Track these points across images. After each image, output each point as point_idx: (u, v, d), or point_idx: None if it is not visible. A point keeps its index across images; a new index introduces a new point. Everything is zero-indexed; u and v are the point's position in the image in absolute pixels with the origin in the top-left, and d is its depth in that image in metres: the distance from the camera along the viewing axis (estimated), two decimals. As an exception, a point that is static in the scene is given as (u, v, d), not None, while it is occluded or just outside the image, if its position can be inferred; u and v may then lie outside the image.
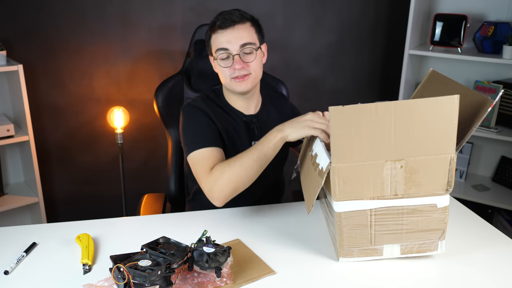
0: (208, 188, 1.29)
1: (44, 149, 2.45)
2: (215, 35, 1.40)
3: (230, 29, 1.37)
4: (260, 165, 1.29)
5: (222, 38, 1.38)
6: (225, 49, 1.38)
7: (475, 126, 1.09)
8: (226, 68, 1.40)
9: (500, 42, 2.40)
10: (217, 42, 1.39)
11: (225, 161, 1.31)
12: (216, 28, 1.38)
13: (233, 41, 1.37)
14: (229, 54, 1.38)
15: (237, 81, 1.40)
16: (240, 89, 1.42)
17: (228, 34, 1.37)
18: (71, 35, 2.36)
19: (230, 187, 1.28)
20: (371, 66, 2.93)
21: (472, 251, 1.26)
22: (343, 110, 1.02)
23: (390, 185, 1.10)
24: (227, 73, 1.40)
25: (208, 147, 1.36)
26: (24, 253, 1.20)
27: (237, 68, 1.38)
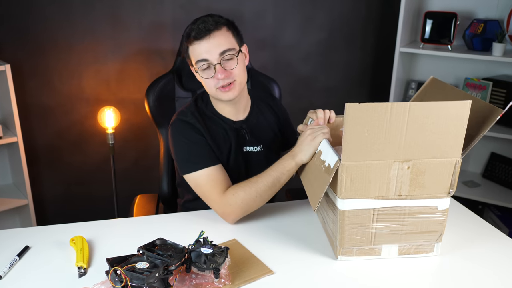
0: (221, 210, 1.35)
1: (33, 150, 2.42)
2: (192, 46, 1.35)
3: (207, 38, 1.32)
4: (274, 190, 1.34)
5: (200, 49, 1.33)
6: (205, 59, 1.34)
7: (482, 133, 1.11)
8: (209, 79, 1.36)
9: (490, 40, 2.42)
10: (195, 54, 1.35)
11: (240, 186, 1.34)
12: (192, 39, 1.34)
13: (212, 50, 1.33)
14: (209, 64, 1.34)
15: (223, 90, 1.37)
16: (227, 98, 1.39)
17: (205, 44, 1.32)
18: (59, 34, 2.32)
19: (244, 210, 1.34)
20: (362, 63, 2.94)
21: (468, 247, 1.27)
22: (358, 107, 1.02)
23: (396, 185, 1.11)
24: (211, 83, 1.37)
25: (209, 166, 1.37)
26: (17, 257, 1.18)
27: (220, 78, 1.34)
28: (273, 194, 1.35)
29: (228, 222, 1.36)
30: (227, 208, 1.33)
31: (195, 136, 1.40)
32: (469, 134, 1.12)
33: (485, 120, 1.12)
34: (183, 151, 1.40)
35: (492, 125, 1.10)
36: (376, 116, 1.04)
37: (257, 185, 1.31)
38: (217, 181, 1.35)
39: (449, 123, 1.06)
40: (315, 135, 1.26)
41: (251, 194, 1.31)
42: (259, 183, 1.32)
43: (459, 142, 1.09)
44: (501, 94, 2.45)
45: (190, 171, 1.37)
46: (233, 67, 1.36)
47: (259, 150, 1.52)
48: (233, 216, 1.34)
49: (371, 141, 1.06)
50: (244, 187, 1.32)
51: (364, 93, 3.03)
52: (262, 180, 1.32)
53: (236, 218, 1.35)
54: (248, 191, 1.31)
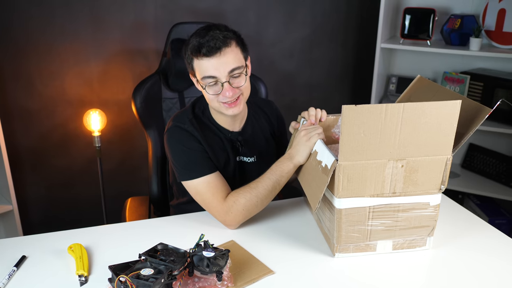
0: (223, 218, 1.35)
1: (16, 153, 2.37)
2: (199, 61, 1.32)
3: (217, 56, 1.30)
4: (274, 193, 1.36)
5: (209, 65, 1.31)
6: (213, 77, 1.32)
7: (471, 131, 1.15)
8: (214, 95, 1.35)
9: (467, 34, 2.49)
10: (202, 69, 1.32)
11: (240, 192, 1.34)
12: (201, 55, 1.30)
13: (221, 68, 1.30)
14: (217, 81, 1.32)
15: (227, 106, 1.36)
16: (231, 113, 1.38)
17: (215, 61, 1.30)
18: (39, 36, 2.27)
19: (246, 215, 1.35)
20: (344, 60, 2.98)
21: (458, 239, 1.32)
22: (355, 109, 1.05)
23: (390, 183, 1.14)
24: (214, 98, 1.36)
25: (208, 174, 1.37)
26: (15, 268, 1.16)
27: (228, 96, 1.33)
28: (273, 197, 1.37)
29: (229, 228, 1.37)
30: (229, 216, 1.34)
31: (193, 143, 1.40)
32: (459, 132, 1.16)
33: (473, 118, 1.17)
34: (182, 159, 1.40)
35: (481, 123, 1.14)
36: (372, 117, 1.07)
37: (258, 190, 1.33)
38: (217, 188, 1.36)
39: (441, 122, 1.10)
40: (310, 136, 1.28)
41: (252, 199, 1.33)
42: (259, 188, 1.33)
43: (450, 140, 1.13)
44: (479, 87, 2.53)
45: (190, 178, 1.38)
46: (242, 84, 1.35)
47: (252, 161, 1.53)
48: (234, 222, 1.35)
49: (367, 142, 1.09)
50: (245, 193, 1.33)
51: (347, 89, 3.07)
52: (262, 185, 1.33)
53: (238, 224, 1.36)
54: (249, 197, 1.33)
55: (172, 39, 1.86)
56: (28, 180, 2.47)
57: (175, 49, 1.82)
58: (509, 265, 1.20)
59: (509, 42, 2.47)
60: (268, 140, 1.60)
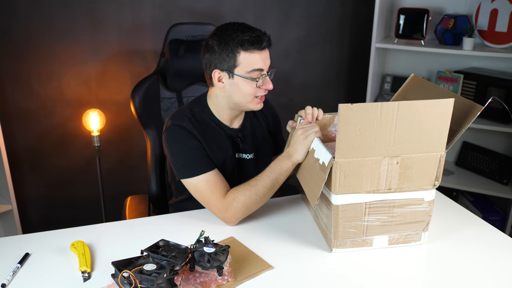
0: (222, 215, 1.38)
1: (15, 154, 2.38)
2: (250, 54, 1.35)
3: (264, 50, 1.38)
4: (273, 191, 1.39)
5: (259, 58, 1.37)
6: (261, 69, 1.38)
7: (464, 128, 1.18)
8: (254, 87, 1.39)
9: (460, 34, 2.53)
10: (253, 62, 1.36)
11: (239, 189, 1.37)
12: (253, 48, 1.35)
13: (267, 61, 1.39)
14: (263, 73, 1.39)
15: (260, 100, 1.43)
16: (258, 108, 1.44)
17: (264, 55, 1.38)
18: (38, 37, 2.29)
19: (245, 213, 1.38)
20: (339, 59, 3.01)
21: (452, 234, 1.35)
22: (351, 107, 1.08)
23: (386, 179, 1.17)
24: (253, 91, 1.39)
25: (207, 172, 1.39)
26: (18, 265, 1.18)
27: (270, 88, 1.41)
28: (271, 194, 1.40)
29: (229, 225, 1.39)
30: (228, 213, 1.36)
31: (192, 142, 1.42)
32: (452, 129, 1.19)
33: (466, 116, 1.20)
34: (180, 157, 1.42)
35: (473, 120, 1.17)
36: (368, 115, 1.10)
37: (257, 188, 1.36)
38: (216, 186, 1.39)
39: (434, 120, 1.14)
40: (307, 134, 1.32)
41: (251, 197, 1.36)
42: (259, 185, 1.36)
43: (443, 137, 1.16)
44: (472, 86, 2.57)
45: (188, 176, 1.40)
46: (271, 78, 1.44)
47: (251, 157, 1.56)
48: (234, 219, 1.38)
49: (363, 139, 1.12)
50: (244, 191, 1.36)
51: (342, 88, 3.11)
52: (261, 183, 1.36)
53: (237, 221, 1.39)
54: (248, 195, 1.35)
55: (170, 40, 1.88)
56: (27, 180, 2.49)
57: (173, 50, 1.85)
58: (502, 259, 1.24)
59: (502, 42, 2.52)
60: (265, 137, 1.63)
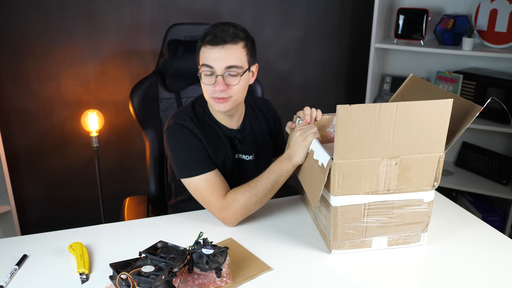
0: (221, 215, 1.38)
1: (14, 154, 2.38)
2: (204, 49, 1.36)
3: (219, 47, 1.33)
4: (273, 193, 1.39)
5: (209, 55, 1.34)
6: (210, 67, 1.34)
7: (463, 128, 1.18)
8: (208, 85, 1.37)
9: (460, 34, 2.53)
10: (203, 57, 1.36)
11: (239, 190, 1.37)
12: (206, 43, 1.34)
13: (220, 60, 1.33)
14: (212, 72, 1.35)
15: (216, 101, 1.39)
16: (218, 109, 1.41)
17: (216, 53, 1.33)
18: (37, 37, 2.29)
19: (244, 214, 1.37)
20: (338, 59, 3.01)
21: (451, 235, 1.35)
22: (349, 108, 1.07)
23: (385, 181, 1.17)
24: (208, 90, 1.38)
25: (208, 172, 1.39)
26: (16, 266, 1.18)
27: (217, 90, 1.35)
28: (271, 196, 1.39)
29: (228, 226, 1.39)
30: (227, 213, 1.36)
31: (193, 141, 1.41)
32: (451, 130, 1.19)
33: (465, 116, 1.19)
34: (181, 156, 1.41)
35: (472, 120, 1.17)
36: (366, 116, 1.10)
37: (257, 189, 1.35)
38: (216, 186, 1.38)
39: (433, 120, 1.13)
40: (306, 135, 1.31)
41: (251, 198, 1.35)
42: (259, 187, 1.35)
43: (442, 138, 1.16)
44: (471, 86, 2.57)
45: (189, 176, 1.39)
46: (234, 84, 1.36)
47: (251, 158, 1.55)
48: (233, 220, 1.37)
49: (362, 140, 1.12)
50: (244, 192, 1.36)
51: (341, 89, 3.10)
52: (261, 184, 1.36)
53: (236, 222, 1.38)
54: (248, 196, 1.35)
55: (169, 40, 1.87)
56: (26, 181, 2.48)
57: (172, 50, 1.84)
58: (502, 260, 1.23)
59: (501, 42, 2.51)
60: (265, 138, 1.62)
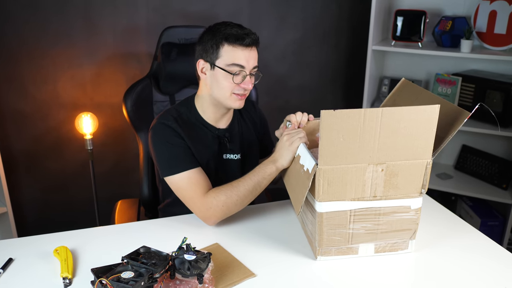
0: (202, 213, 1.38)
1: (10, 157, 2.39)
2: (233, 48, 1.37)
3: (250, 48, 1.38)
4: (255, 194, 1.38)
5: (242, 55, 1.37)
6: (242, 66, 1.38)
7: (451, 135, 1.16)
8: (231, 82, 1.39)
9: (458, 36, 2.50)
10: (234, 57, 1.37)
11: (221, 189, 1.37)
12: (237, 43, 1.36)
13: (250, 61, 1.39)
14: (242, 71, 1.39)
15: (238, 98, 1.42)
16: (237, 105, 1.43)
17: (248, 53, 1.38)
18: (33, 40, 2.29)
19: (225, 213, 1.37)
20: (335, 62, 2.99)
21: (441, 242, 1.33)
22: (333, 114, 1.06)
23: (371, 187, 1.16)
24: (230, 87, 1.40)
25: (190, 169, 1.39)
26: (1, 270, 1.18)
27: (248, 88, 1.40)
28: (253, 197, 1.38)
29: (208, 224, 1.39)
30: (208, 211, 1.36)
31: (175, 139, 1.42)
32: (439, 135, 1.17)
33: (453, 122, 1.18)
34: (164, 154, 1.42)
35: (460, 127, 1.15)
36: (351, 122, 1.08)
37: (238, 189, 1.35)
38: (197, 184, 1.38)
39: (420, 126, 1.12)
40: (292, 140, 1.30)
41: (232, 197, 1.35)
42: (240, 187, 1.35)
43: (429, 144, 1.14)
44: (470, 88, 2.54)
45: (171, 173, 1.40)
46: (255, 82, 1.46)
47: (238, 158, 1.56)
48: (213, 219, 1.37)
49: (346, 146, 1.11)
50: (226, 191, 1.36)
51: (339, 91, 3.09)
52: (243, 184, 1.35)
53: (216, 221, 1.38)
54: (229, 195, 1.35)
55: (162, 43, 1.87)
56: (23, 183, 2.49)
57: (166, 53, 1.84)
58: (492, 268, 1.21)
59: (500, 44, 2.48)
60: (252, 139, 1.63)
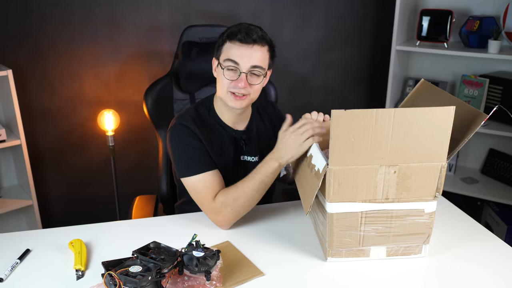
0: (213, 216, 1.38)
1: (36, 152, 2.46)
2: (231, 44, 1.37)
3: (249, 46, 1.36)
4: (261, 193, 1.37)
5: (237, 51, 1.36)
6: (236, 62, 1.36)
7: (467, 137, 1.13)
8: (228, 80, 1.38)
9: (486, 37, 2.42)
10: (230, 52, 1.37)
11: (227, 191, 1.37)
12: (235, 40, 1.36)
13: (246, 59, 1.36)
14: (236, 68, 1.37)
15: (234, 97, 1.40)
16: (233, 105, 1.41)
17: (244, 50, 1.36)
18: (59, 38, 2.36)
19: (235, 215, 1.37)
20: (359, 62, 2.96)
21: (457, 248, 1.29)
22: (344, 114, 1.05)
23: (383, 189, 1.14)
24: (227, 84, 1.39)
25: (205, 172, 1.39)
26: (18, 260, 1.22)
27: (240, 86, 1.37)
28: (260, 196, 1.37)
29: (222, 229, 1.39)
30: (219, 216, 1.36)
31: (192, 141, 1.42)
32: (455, 138, 1.14)
33: (471, 124, 1.14)
34: (181, 155, 1.43)
35: (476, 129, 1.12)
36: (362, 122, 1.07)
37: (244, 190, 1.34)
38: (212, 187, 1.38)
39: (434, 128, 1.09)
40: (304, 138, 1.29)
41: (239, 199, 1.34)
42: (245, 187, 1.35)
43: (444, 146, 1.11)
44: (498, 90, 2.46)
45: (187, 175, 1.40)
46: (255, 83, 1.40)
47: (255, 160, 1.55)
48: (226, 223, 1.37)
49: (358, 147, 1.09)
50: (232, 193, 1.35)
51: (362, 91, 3.05)
52: (248, 185, 1.35)
53: (229, 224, 1.38)
54: (236, 197, 1.34)
55: (183, 42, 1.89)
56: (49, 177, 2.56)
57: (186, 51, 1.86)
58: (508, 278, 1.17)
59: (531, 45, 2.40)
60: (271, 140, 1.61)
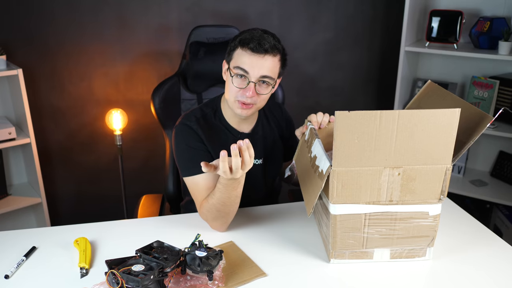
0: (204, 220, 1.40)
1: (45, 150, 2.49)
2: (242, 51, 1.35)
3: (260, 56, 1.33)
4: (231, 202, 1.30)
5: (248, 60, 1.34)
6: (245, 71, 1.34)
7: (472, 140, 1.12)
8: (236, 88, 1.37)
9: (496, 38, 2.40)
10: (240, 60, 1.35)
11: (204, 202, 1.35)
12: (247, 47, 1.34)
13: (256, 68, 1.34)
14: (246, 77, 1.35)
15: (241, 106, 1.38)
16: (239, 113, 1.41)
17: (255, 60, 1.33)
18: (68, 38, 2.38)
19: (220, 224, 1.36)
20: (368, 63, 2.94)
21: (462, 251, 1.28)
22: (348, 115, 1.05)
23: (387, 191, 1.13)
24: (235, 92, 1.38)
25: (201, 173, 1.38)
26: (24, 257, 1.24)
27: (247, 95, 1.35)
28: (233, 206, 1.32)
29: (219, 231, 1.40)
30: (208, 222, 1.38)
31: (194, 142, 1.43)
32: (461, 140, 1.13)
33: (476, 126, 1.13)
34: (182, 155, 1.44)
35: (482, 132, 1.11)
36: (366, 123, 1.06)
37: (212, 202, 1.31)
38: (201, 190, 1.38)
39: (439, 130, 1.08)
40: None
41: (211, 212, 1.33)
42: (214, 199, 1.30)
43: (449, 149, 1.10)
44: (508, 92, 2.43)
45: (186, 175, 1.42)
46: (264, 93, 1.38)
47: (259, 163, 1.55)
48: (216, 229, 1.39)
49: (361, 148, 1.09)
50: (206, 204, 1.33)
51: (370, 92, 3.03)
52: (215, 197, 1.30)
53: (220, 229, 1.39)
54: (209, 208, 1.33)
55: (191, 42, 1.90)
56: (57, 175, 2.59)
57: (194, 52, 1.87)
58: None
59: (543, 46, 2.36)
60: (276, 142, 1.61)
